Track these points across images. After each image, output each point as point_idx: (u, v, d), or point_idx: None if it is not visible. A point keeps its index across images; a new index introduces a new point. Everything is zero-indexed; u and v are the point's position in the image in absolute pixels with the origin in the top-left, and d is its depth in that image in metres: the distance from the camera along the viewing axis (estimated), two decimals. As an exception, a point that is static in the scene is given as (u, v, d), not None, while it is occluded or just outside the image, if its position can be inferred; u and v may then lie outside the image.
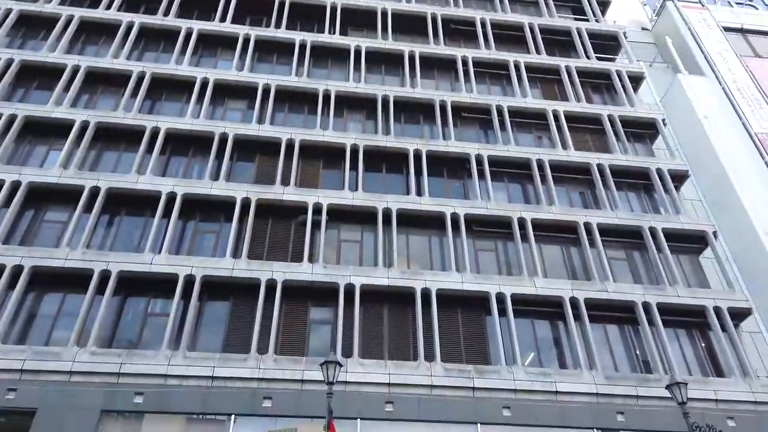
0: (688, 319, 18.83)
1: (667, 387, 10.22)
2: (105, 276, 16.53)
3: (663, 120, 24.08)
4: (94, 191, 18.31)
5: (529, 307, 18.38)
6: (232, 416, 14.33)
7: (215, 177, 19.54)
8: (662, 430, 15.52)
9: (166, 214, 18.22)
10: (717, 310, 18.49)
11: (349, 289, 17.49)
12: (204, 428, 14.49)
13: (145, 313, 17.01)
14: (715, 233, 20.69)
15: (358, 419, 14.81)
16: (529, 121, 23.61)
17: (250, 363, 15.70)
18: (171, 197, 18.54)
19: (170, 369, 15.18)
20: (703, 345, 18.88)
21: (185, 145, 20.61)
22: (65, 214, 18.04)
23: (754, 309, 19.27)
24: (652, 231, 20.28)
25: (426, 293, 17.81)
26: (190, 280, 16.97)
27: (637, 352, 18.50)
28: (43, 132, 19.99)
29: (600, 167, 21.89)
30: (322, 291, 17.66)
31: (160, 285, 16.99)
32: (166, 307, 16.86)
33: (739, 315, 18.80)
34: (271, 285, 17.26)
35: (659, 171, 22.02)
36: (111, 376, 14.89)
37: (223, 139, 20.43)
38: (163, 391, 14.44)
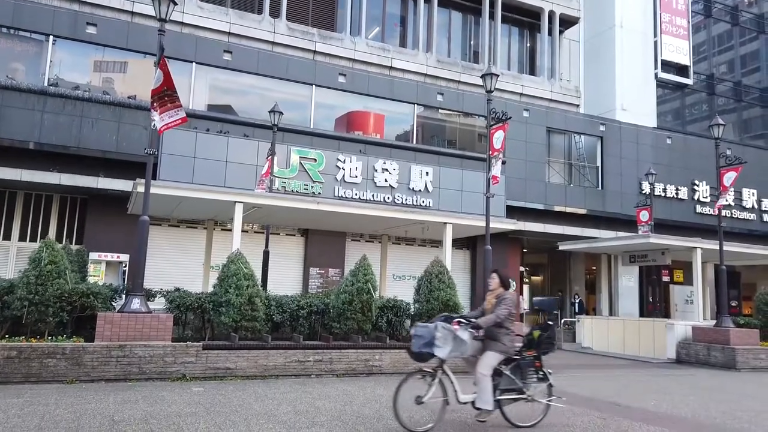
0: (524, 19, 20.17)
1: (482, 76, 11.41)
2: None
3: None
4: None
5: (385, -21, 18.04)
6: (50, 37, 13.28)
7: None
8: (469, 111, 18.01)
9: None
10: (551, 14, 19.90)
11: None
12: (17, 45, 13.34)
13: None
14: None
15: (194, 63, 14.66)
16: None
17: (68, -16, 14.03)
18: None
19: (-35, -29, 13.06)
20: (528, 45, 20.78)
21: None
22: None
23: (582, 18, 21.04)
24: None
25: (279, -59, 16.29)
26: None
27: (472, 42, 19.88)
28: None
29: None
30: None
31: None
32: None
33: (568, 22, 20.50)
34: None
35: None
36: None
37: None
38: (-40, -2, 12.61)
